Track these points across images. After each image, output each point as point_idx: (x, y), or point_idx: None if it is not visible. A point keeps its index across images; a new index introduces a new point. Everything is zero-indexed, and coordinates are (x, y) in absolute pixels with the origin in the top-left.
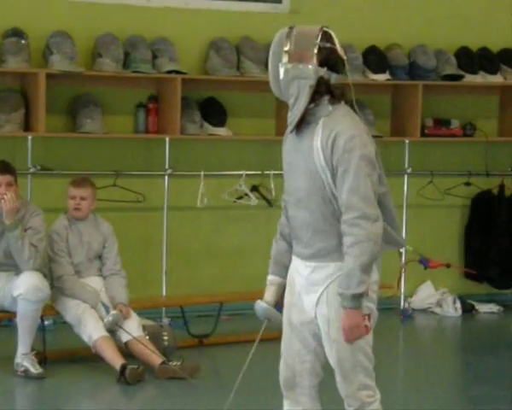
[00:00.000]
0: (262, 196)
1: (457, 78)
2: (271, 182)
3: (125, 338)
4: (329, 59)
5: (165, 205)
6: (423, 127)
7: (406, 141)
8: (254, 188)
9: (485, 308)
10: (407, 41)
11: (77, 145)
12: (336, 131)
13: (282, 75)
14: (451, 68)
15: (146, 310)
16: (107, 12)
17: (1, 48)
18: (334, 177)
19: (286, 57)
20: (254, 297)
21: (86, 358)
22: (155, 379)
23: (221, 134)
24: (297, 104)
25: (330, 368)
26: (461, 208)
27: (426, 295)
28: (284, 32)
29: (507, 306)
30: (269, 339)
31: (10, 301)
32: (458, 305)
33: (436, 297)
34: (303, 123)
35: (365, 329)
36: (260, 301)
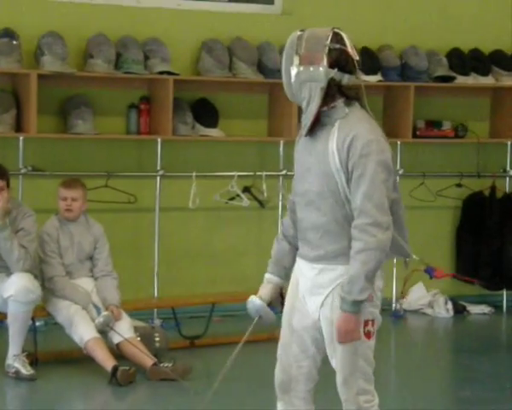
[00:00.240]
0: (254, 198)
1: (449, 79)
2: (263, 183)
3: (117, 339)
4: (340, 60)
5: (156, 206)
6: (415, 128)
7: (398, 142)
8: (246, 189)
9: (476, 309)
10: (399, 42)
11: (68, 146)
12: (353, 134)
13: (294, 78)
14: (443, 70)
15: (137, 311)
16: (98, 13)
17: None
18: (348, 180)
19: (297, 60)
20: (246, 298)
21: (77, 359)
22: (147, 381)
23: (213, 135)
24: (309, 107)
25: (328, 371)
26: (452, 210)
27: (417, 296)
28: (295, 35)
29: (498, 307)
30: (259, 340)
31: (1, 302)
32: (450, 306)
33: (428, 298)
34: (318, 125)
35: (359, 334)
36: (254, 296)
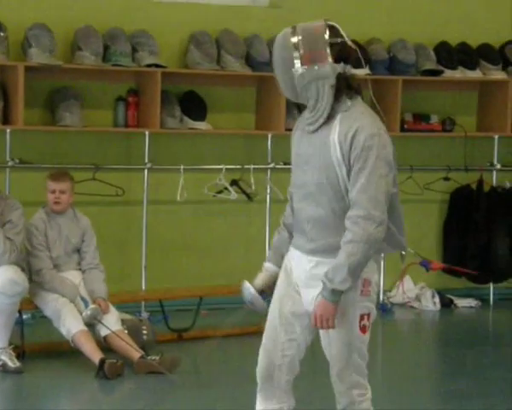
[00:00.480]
0: (242, 191)
1: (437, 73)
2: (251, 176)
3: (104, 332)
4: (343, 53)
5: (144, 199)
6: (403, 122)
7: None
8: (234, 182)
9: (463, 303)
10: (387, 36)
11: (56, 139)
12: (357, 126)
13: (298, 80)
14: (431, 63)
15: (125, 304)
16: (86, 4)
17: None
18: (348, 172)
19: (298, 61)
20: (234, 292)
21: (65, 352)
22: (134, 374)
23: (201, 128)
24: (319, 105)
25: (322, 366)
26: (440, 203)
27: (404, 289)
28: (288, 34)
29: (485, 300)
30: (249, 333)
31: None
32: (437, 299)
33: (415, 292)
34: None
35: (333, 323)
36: (248, 283)
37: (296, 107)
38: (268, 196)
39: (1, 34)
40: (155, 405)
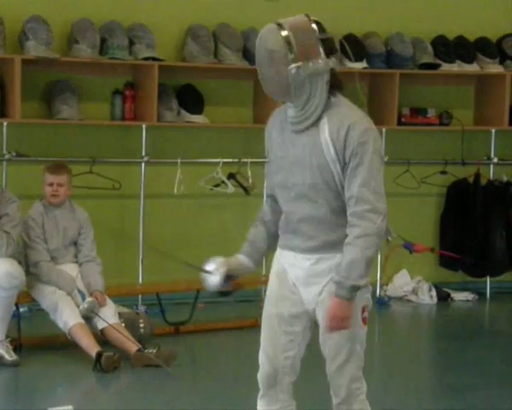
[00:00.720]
0: (239, 184)
1: (434, 66)
2: (248, 170)
3: (101, 325)
4: (332, 48)
5: (141, 192)
6: (400, 116)
7: (383, 129)
8: (231, 176)
9: (460, 296)
10: (384, 29)
11: (53, 132)
12: (348, 123)
13: (293, 77)
14: (428, 57)
15: (122, 297)
16: None
17: None
18: (343, 169)
19: (293, 57)
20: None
21: (61, 345)
22: (131, 367)
23: (198, 122)
24: (311, 102)
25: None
26: (437, 197)
27: (402, 283)
28: (277, 30)
29: (482, 294)
30: (246, 326)
31: None
32: (434, 293)
33: (412, 285)
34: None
35: (350, 322)
36: (218, 260)
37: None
38: (265, 190)
39: None
40: (152, 398)
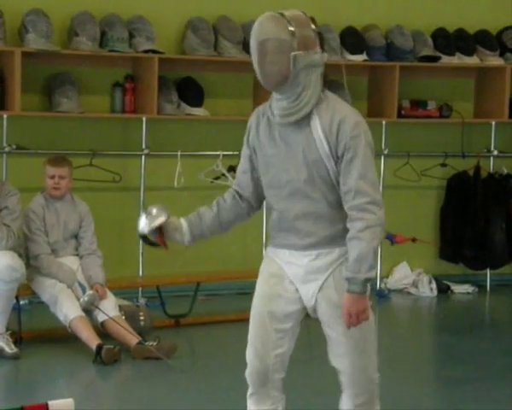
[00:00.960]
0: None
1: (434, 59)
2: None
3: (102, 318)
4: (322, 43)
5: (141, 185)
6: (400, 108)
7: (383, 122)
8: (231, 168)
9: (460, 289)
10: (384, 22)
11: (53, 124)
12: (340, 118)
13: (292, 64)
14: (428, 50)
15: (122, 290)
16: None
17: None
18: (336, 163)
19: (295, 44)
20: (231, 277)
21: (62, 338)
22: (131, 359)
23: (198, 114)
24: (304, 93)
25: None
26: (437, 189)
27: (402, 275)
28: (281, 18)
29: (482, 286)
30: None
31: None
32: (434, 285)
33: (412, 278)
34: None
35: (368, 314)
36: (160, 209)
37: None
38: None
39: None
40: (153, 390)
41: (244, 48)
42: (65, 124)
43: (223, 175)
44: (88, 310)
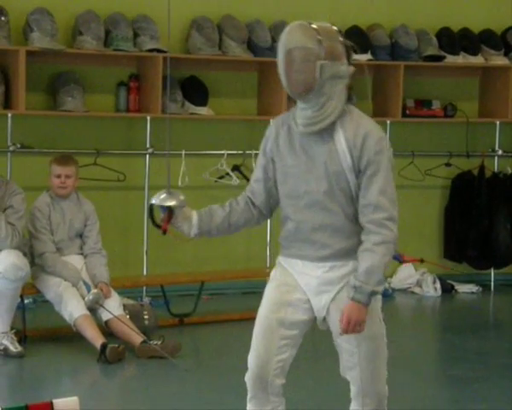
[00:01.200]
0: (243, 176)
1: (439, 58)
2: (253, 162)
3: (106, 317)
4: (350, 56)
5: (145, 184)
6: (404, 108)
7: (387, 121)
8: (235, 168)
9: (464, 288)
10: (389, 21)
11: (57, 123)
12: (364, 132)
13: (319, 72)
14: (433, 49)
15: (127, 289)
16: None
17: None
18: (357, 177)
19: (323, 53)
20: (235, 277)
21: (66, 336)
22: (136, 358)
23: (202, 113)
24: (329, 103)
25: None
26: (441, 189)
27: (406, 275)
28: (309, 27)
29: (486, 286)
30: (250, 318)
31: None
32: (438, 285)
33: (416, 277)
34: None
35: (364, 326)
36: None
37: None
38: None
39: (2, 19)
40: (157, 389)
41: (249, 47)
42: (69, 123)
43: (227, 174)
44: (92, 309)
